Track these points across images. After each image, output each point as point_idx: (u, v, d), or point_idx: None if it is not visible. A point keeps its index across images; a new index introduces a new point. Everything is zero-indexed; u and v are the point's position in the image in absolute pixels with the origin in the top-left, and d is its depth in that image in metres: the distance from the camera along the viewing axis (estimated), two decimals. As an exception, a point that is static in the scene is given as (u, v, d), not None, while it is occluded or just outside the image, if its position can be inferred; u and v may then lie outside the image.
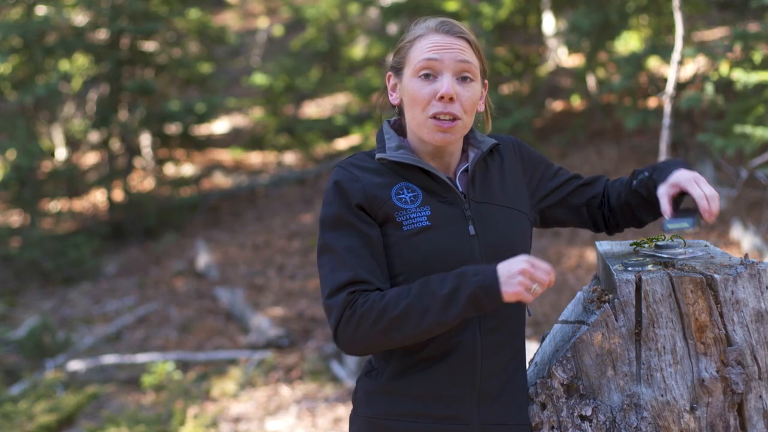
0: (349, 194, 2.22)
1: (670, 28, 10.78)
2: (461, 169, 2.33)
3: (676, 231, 2.18)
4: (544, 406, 2.32)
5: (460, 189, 2.30)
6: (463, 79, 2.26)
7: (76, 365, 8.25)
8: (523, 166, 2.41)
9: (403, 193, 2.25)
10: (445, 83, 2.22)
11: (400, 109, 2.39)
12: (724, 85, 9.46)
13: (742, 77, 8.37)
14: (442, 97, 2.22)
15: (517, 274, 2.05)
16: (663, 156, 6.31)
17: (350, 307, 2.13)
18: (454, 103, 2.23)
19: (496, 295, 2.06)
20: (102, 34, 13.13)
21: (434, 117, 2.23)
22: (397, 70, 2.33)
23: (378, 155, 2.29)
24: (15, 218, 13.11)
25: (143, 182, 13.73)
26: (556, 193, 2.44)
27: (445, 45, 2.26)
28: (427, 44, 2.26)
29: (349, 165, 2.29)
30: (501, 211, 2.30)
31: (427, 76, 2.25)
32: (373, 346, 2.16)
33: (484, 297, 2.07)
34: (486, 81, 2.36)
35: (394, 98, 2.36)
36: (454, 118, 2.24)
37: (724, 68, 9.35)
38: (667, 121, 6.26)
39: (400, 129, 2.40)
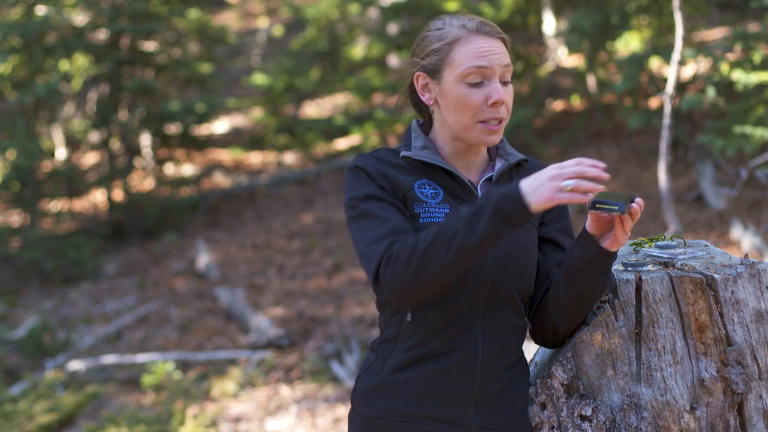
0: (372, 176, 2.25)
1: (671, 29, 10.78)
2: (485, 177, 2.33)
3: (605, 211, 2.08)
4: (544, 406, 2.32)
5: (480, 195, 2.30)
6: (504, 82, 2.28)
7: (76, 365, 8.25)
8: None
9: (425, 188, 2.27)
10: (497, 90, 2.24)
11: (425, 110, 2.38)
12: (725, 86, 9.45)
13: (743, 78, 8.37)
14: (494, 103, 2.23)
15: (544, 182, 2.05)
16: (663, 156, 6.30)
17: (387, 252, 2.14)
18: (501, 106, 2.26)
19: (521, 204, 2.05)
20: (102, 34, 13.13)
21: (483, 121, 2.25)
22: (433, 72, 2.30)
23: (403, 153, 2.30)
24: (15, 218, 13.11)
25: (143, 182, 13.72)
26: (543, 230, 2.39)
27: (490, 50, 2.25)
28: (473, 49, 2.25)
29: (370, 156, 2.31)
30: None
31: (475, 83, 2.25)
32: (412, 286, 2.13)
33: (509, 207, 2.06)
34: None
35: (427, 99, 2.33)
36: (500, 120, 2.27)
37: (724, 69, 9.35)
38: (667, 121, 6.26)
39: (424, 128, 2.40)
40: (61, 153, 13.63)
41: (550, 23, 13.08)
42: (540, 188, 2.04)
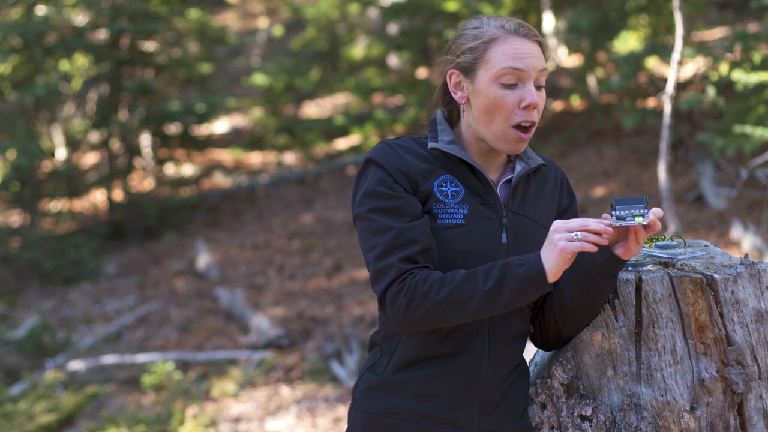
0: (388, 171, 2.23)
1: (670, 28, 10.78)
2: (504, 179, 2.32)
3: (627, 223, 2.09)
4: (544, 406, 2.32)
5: (500, 197, 2.30)
6: (538, 87, 2.26)
7: (76, 365, 8.25)
8: (560, 195, 2.40)
9: (445, 186, 2.25)
10: (531, 93, 2.22)
11: (455, 108, 2.36)
12: (724, 86, 9.45)
13: (742, 77, 8.37)
14: (527, 106, 2.21)
15: (562, 262, 2.09)
16: (663, 156, 6.30)
17: (400, 281, 2.15)
18: (534, 110, 2.24)
19: (544, 284, 2.10)
20: (102, 34, 13.13)
21: (516, 126, 2.23)
22: (468, 70, 2.27)
23: (431, 144, 2.28)
24: (15, 218, 13.12)
25: (143, 182, 13.72)
26: None
27: (527, 52, 2.23)
28: (510, 50, 2.23)
29: (395, 145, 2.28)
30: (533, 226, 2.30)
31: (510, 84, 2.23)
32: (415, 324, 2.18)
33: (533, 288, 2.11)
34: None
35: (459, 97, 2.30)
36: (532, 125, 2.25)
37: (723, 68, 9.35)
38: (667, 121, 6.26)
39: (449, 122, 2.38)
40: (61, 153, 13.63)
41: (549, 23, 13.09)
42: (555, 269, 2.09)
